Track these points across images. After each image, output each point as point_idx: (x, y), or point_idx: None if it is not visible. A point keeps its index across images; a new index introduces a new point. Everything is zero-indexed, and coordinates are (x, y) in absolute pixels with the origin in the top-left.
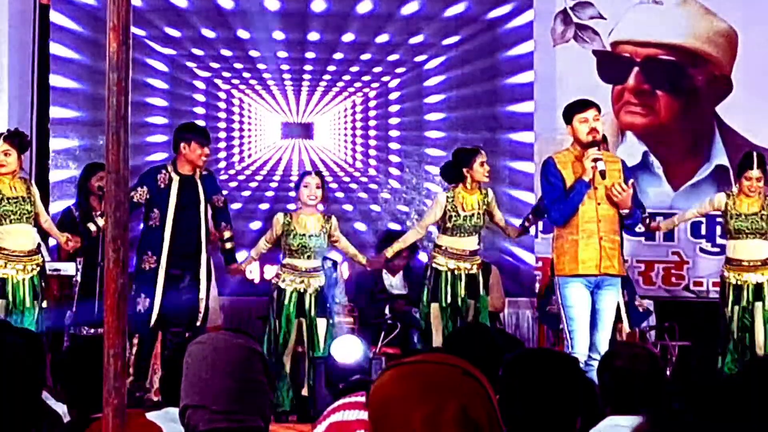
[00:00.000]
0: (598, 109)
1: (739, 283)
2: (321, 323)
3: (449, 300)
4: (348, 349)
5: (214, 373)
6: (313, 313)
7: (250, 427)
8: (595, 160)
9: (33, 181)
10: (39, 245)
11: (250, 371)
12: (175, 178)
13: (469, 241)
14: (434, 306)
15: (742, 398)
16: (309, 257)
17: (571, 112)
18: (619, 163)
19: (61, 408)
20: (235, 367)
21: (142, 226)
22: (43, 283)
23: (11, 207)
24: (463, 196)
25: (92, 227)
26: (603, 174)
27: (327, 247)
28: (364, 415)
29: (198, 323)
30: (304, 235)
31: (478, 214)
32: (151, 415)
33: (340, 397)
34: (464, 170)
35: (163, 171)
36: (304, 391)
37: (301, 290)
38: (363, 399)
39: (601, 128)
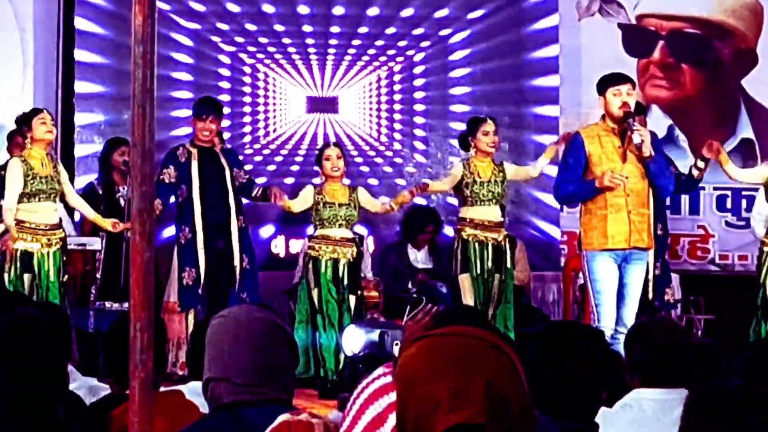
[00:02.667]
0: (633, 85)
1: None
2: (350, 299)
3: (479, 270)
4: (353, 339)
5: (236, 346)
6: (346, 282)
7: (272, 399)
8: (632, 131)
9: (59, 157)
10: (61, 220)
11: (272, 344)
12: (194, 151)
13: (490, 210)
14: (465, 276)
15: None
16: (341, 226)
17: (605, 84)
18: (648, 135)
19: (88, 381)
20: (258, 340)
21: (172, 200)
22: (65, 258)
23: (42, 185)
24: (475, 165)
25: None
26: (639, 147)
27: (357, 220)
28: (393, 397)
29: (236, 288)
30: (333, 204)
31: (495, 182)
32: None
33: (361, 375)
34: (469, 139)
35: (181, 148)
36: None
37: (336, 258)
38: (390, 379)
39: (632, 103)
